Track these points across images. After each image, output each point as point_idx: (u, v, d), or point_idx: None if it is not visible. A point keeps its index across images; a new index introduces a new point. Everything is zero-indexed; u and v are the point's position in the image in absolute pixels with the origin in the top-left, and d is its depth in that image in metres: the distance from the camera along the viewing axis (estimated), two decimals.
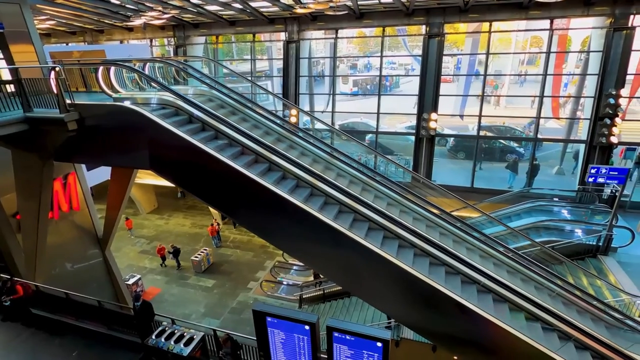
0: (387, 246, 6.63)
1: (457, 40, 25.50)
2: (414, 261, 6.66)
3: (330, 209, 6.92)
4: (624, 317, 7.65)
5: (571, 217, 13.39)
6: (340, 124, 20.74)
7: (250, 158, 7.09)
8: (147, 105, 7.18)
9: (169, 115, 7.13)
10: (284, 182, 7.04)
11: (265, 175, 6.81)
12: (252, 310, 5.43)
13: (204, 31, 19.93)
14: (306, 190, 7.06)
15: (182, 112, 7.42)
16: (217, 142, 7.06)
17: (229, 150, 7.01)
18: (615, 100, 13.75)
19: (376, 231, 6.99)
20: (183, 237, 20.45)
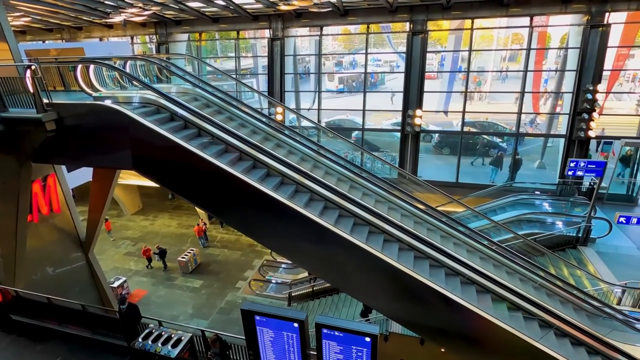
0: (373, 242, 6.68)
1: (440, 38, 25.79)
2: (399, 256, 6.74)
3: (317, 206, 6.92)
4: (602, 305, 7.93)
5: (552, 209, 13.77)
6: (326, 121, 20.75)
7: (234, 156, 7.03)
8: (128, 104, 7.03)
9: (151, 114, 7.00)
10: (270, 179, 7.00)
11: (251, 174, 6.76)
12: (241, 309, 5.41)
13: (187, 28, 19.60)
14: (292, 188, 7.05)
15: (165, 110, 7.29)
16: (201, 141, 6.98)
17: (213, 149, 6.93)
18: (593, 96, 14.16)
19: (362, 227, 7.02)
20: (169, 237, 20.15)
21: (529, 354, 6.24)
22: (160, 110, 7.26)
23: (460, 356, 7.67)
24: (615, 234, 11.93)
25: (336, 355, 5.17)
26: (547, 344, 6.30)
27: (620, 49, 16.06)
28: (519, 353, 6.33)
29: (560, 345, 6.70)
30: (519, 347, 6.24)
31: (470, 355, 7.00)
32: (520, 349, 6.25)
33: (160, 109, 7.27)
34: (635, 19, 14.94)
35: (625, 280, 9.72)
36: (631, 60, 20.58)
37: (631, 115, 19.54)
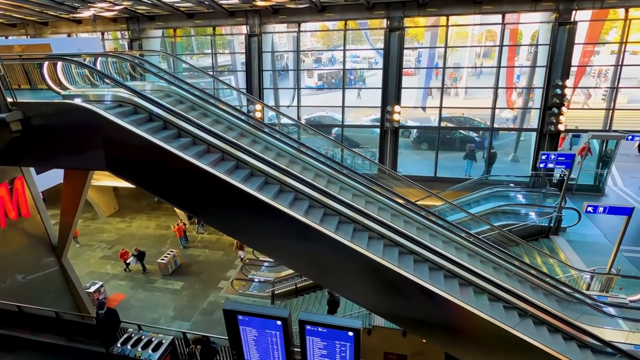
0: (350, 235, 6.72)
1: (417, 34, 26.15)
2: (381, 250, 6.82)
3: (296, 202, 6.91)
4: (573, 291, 8.31)
5: (525, 201, 14.29)
6: (306, 118, 20.71)
7: (216, 156, 6.91)
8: (100, 103, 6.79)
9: (125, 113, 6.78)
10: (244, 175, 6.92)
11: (231, 172, 6.67)
12: (223, 309, 5.36)
13: (161, 24, 19.06)
14: (264, 182, 6.98)
15: (139, 108, 7.08)
16: (179, 140, 6.82)
17: (192, 148, 6.80)
18: (562, 91, 14.75)
19: (338, 220, 7.05)
20: (148, 239, 19.66)
21: (506, 340, 6.48)
22: (138, 111, 7.05)
23: (441, 345, 7.89)
24: (584, 222, 12.52)
25: (320, 351, 5.20)
26: (525, 331, 6.56)
27: (586, 45, 16.76)
28: (497, 340, 6.56)
29: (539, 332, 6.99)
30: (496, 335, 6.46)
31: (450, 344, 7.20)
32: (498, 336, 6.48)
33: (137, 109, 7.06)
34: (599, 17, 15.63)
35: (593, 266, 10.22)
36: (596, 57, 21.50)
37: (597, 109, 20.46)
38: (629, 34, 14.78)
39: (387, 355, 10.40)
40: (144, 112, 7.05)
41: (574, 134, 16.80)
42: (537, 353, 6.45)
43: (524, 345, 6.44)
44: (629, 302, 8.84)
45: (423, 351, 9.89)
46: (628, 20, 14.50)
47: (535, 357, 6.50)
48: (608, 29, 19.19)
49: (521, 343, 6.44)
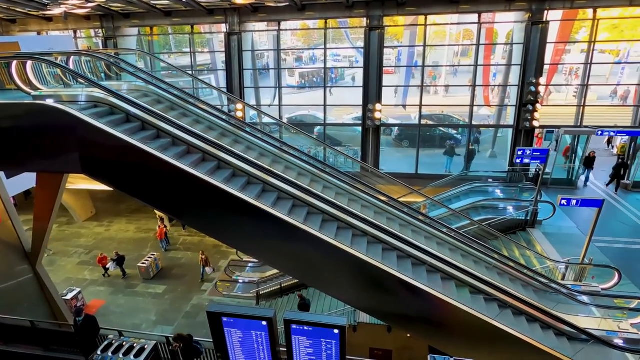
0: (334, 234, 6.77)
1: (397, 33, 26.43)
2: (365, 247, 6.88)
3: (279, 201, 6.89)
4: (549, 282, 8.62)
5: (503, 195, 14.71)
6: (288, 117, 20.62)
7: (197, 157, 6.80)
8: (74, 104, 6.56)
9: (101, 114, 6.57)
10: (226, 175, 6.85)
11: (212, 173, 6.59)
12: (207, 312, 5.28)
13: (136, 22, 18.57)
14: (246, 182, 6.95)
15: (115, 109, 6.89)
16: (159, 142, 6.68)
17: (172, 149, 6.67)
18: (536, 88, 15.24)
19: (329, 223, 7.10)
20: (127, 243, 19.16)
21: (487, 331, 6.66)
22: (114, 111, 6.85)
23: (425, 339, 8.05)
24: (558, 215, 12.98)
25: (306, 350, 5.21)
26: (504, 322, 6.77)
27: (558, 44, 17.37)
28: (478, 332, 6.74)
29: (518, 322, 7.22)
30: (477, 326, 6.64)
31: (433, 337, 7.35)
32: (479, 328, 6.66)
33: (114, 109, 6.86)
34: (569, 16, 16.22)
35: (568, 257, 10.62)
36: (567, 55, 22.29)
37: (569, 105, 21.25)
38: (598, 33, 15.41)
39: (373, 351, 10.51)
40: (121, 113, 6.87)
41: (548, 130, 17.34)
42: (517, 343, 6.67)
43: (504, 335, 6.65)
44: (601, 290, 9.24)
45: (408, 345, 10.05)
46: (596, 20, 15.11)
47: (515, 347, 6.72)
48: (578, 28, 19.95)
49: (501, 333, 6.64)
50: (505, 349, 6.84)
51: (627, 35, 19.36)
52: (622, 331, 7.82)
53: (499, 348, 6.88)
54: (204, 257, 16.04)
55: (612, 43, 23.96)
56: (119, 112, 6.87)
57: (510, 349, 6.79)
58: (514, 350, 6.77)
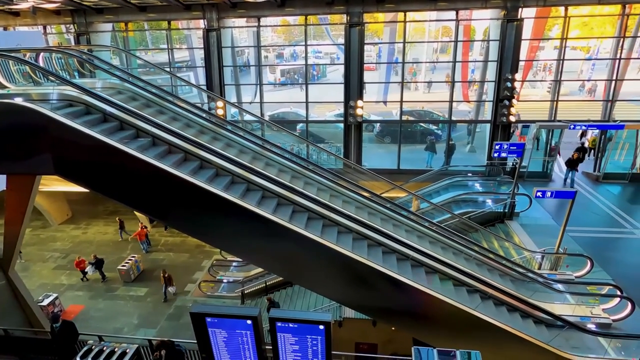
0: (320, 231, 6.78)
1: (377, 30, 26.59)
2: (350, 244, 6.92)
3: (260, 198, 6.84)
4: (526, 271, 8.92)
5: (482, 189, 15.09)
6: (270, 114, 20.46)
7: (179, 156, 6.66)
8: (45, 102, 6.30)
9: (77, 114, 6.34)
10: (203, 171, 6.73)
11: (192, 171, 6.47)
12: (190, 312, 5.21)
13: (110, 17, 17.95)
14: (228, 179, 6.86)
15: (91, 108, 6.66)
16: (139, 142, 6.50)
17: (152, 148, 6.51)
18: (512, 84, 15.65)
19: (301, 214, 7.07)
20: (106, 246, 18.64)
21: (469, 322, 6.84)
22: (90, 111, 6.62)
23: (410, 331, 8.19)
24: (534, 207, 13.41)
25: (292, 347, 5.21)
26: (486, 312, 6.96)
27: (532, 41, 17.86)
28: (461, 322, 6.92)
29: (499, 312, 7.45)
30: (460, 317, 6.81)
31: (418, 329, 7.49)
32: (462, 319, 6.83)
33: (90, 109, 6.62)
34: (543, 14, 16.70)
35: (544, 247, 11.00)
36: (541, 52, 22.98)
37: (544, 100, 21.94)
38: (569, 30, 15.95)
39: (359, 345, 10.62)
40: (97, 112, 6.64)
41: (524, 124, 17.89)
42: (498, 332, 6.89)
43: (486, 325, 6.85)
44: (574, 278, 9.63)
45: (392, 338, 10.21)
46: (568, 18, 15.62)
47: (496, 336, 6.93)
48: (551, 25, 20.57)
49: (483, 323, 6.84)
50: (487, 339, 7.04)
51: (596, 32, 20.11)
52: (594, 316, 8.18)
53: (481, 338, 7.08)
54: (165, 275, 14.75)
55: (583, 40, 24.86)
56: (95, 112, 6.64)
57: (492, 338, 7.00)
58: (496, 339, 6.98)
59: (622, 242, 12.40)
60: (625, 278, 10.03)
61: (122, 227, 19.13)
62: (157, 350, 6.44)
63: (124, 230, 19.16)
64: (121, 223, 19.11)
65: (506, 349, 7.07)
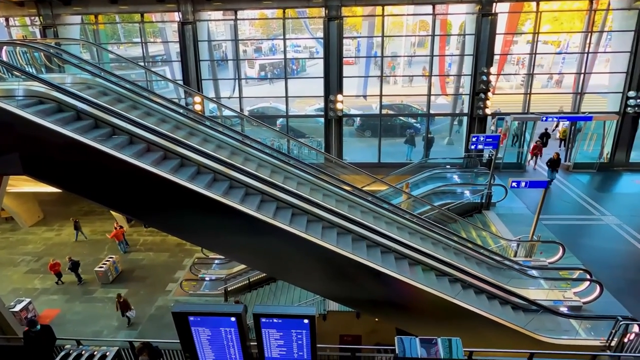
0: (292, 222, 6.75)
1: (355, 24, 26.57)
2: (334, 238, 6.96)
3: (237, 194, 6.73)
4: (503, 259, 9.24)
5: (460, 180, 15.46)
6: (249, 109, 20.22)
7: (158, 154, 6.48)
8: (10, 99, 5.99)
9: (48, 111, 6.06)
10: (183, 169, 6.59)
11: (172, 169, 6.32)
12: (172, 312, 5.12)
13: (79, 9, 17.18)
14: (210, 177, 6.76)
15: (64, 105, 6.38)
16: (115, 140, 6.28)
17: (129, 146, 6.30)
18: (487, 77, 16.04)
19: (285, 210, 7.05)
20: (82, 247, 18.02)
21: (451, 310, 7.04)
22: (63, 108, 6.33)
23: (393, 322, 8.35)
24: (510, 197, 13.87)
25: (277, 342, 5.21)
26: (467, 301, 7.18)
27: (506, 35, 18.32)
28: (443, 311, 7.11)
29: (479, 300, 7.68)
30: (442, 306, 6.99)
31: (401, 319, 7.65)
32: (444, 308, 7.02)
33: (62, 106, 6.33)
34: (516, 9, 17.14)
35: (519, 235, 11.42)
36: (515, 46, 23.59)
37: (517, 93, 22.61)
38: (541, 25, 16.45)
39: (343, 337, 10.73)
40: (70, 109, 6.36)
41: (499, 117, 18.38)
42: (477, 318, 7.12)
43: (466, 312, 7.06)
44: (548, 264, 10.06)
45: (376, 329, 10.37)
46: (539, 13, 16.10)
47: (476, 322, 7.16)
48: (524, 20, 21.15)
49: (463, 311, 7.04)
50: (467, 325, 7.27)
51: (566, 27, 20.82)
52: (566, 300, 8.59)
53: (461, 325, 7.30)
54: (120, 300, 12.82)
55: (554, 34, 25.70)
56: (68, 109, 6.36)
57: (472, 325, 7.23)
58: (476, 326, 7.22)
59: (591, 229, 13.03)
60: (594, 262, 10.56)
61: (78, 228, 18.24)
62: (140, 353, 6.32)
63: (80, 231, 18.32)
64: (76, 224, 18.15)
65: (486, 334, 7.32)
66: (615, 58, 16.96)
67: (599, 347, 7.36)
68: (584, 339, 7.60)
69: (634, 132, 16.85)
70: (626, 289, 9.51)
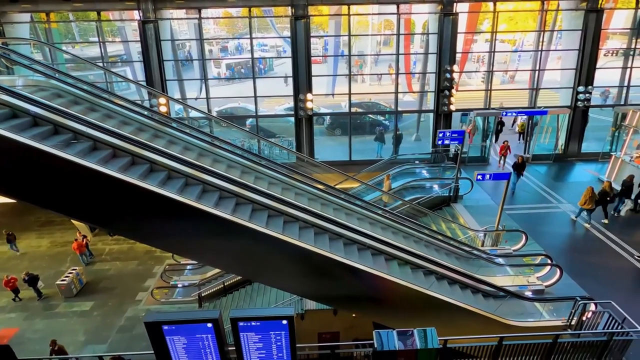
0: (270, 224, 6.71)
1: (322, 23, 26.69)
2: (291, 232, 6.87)
3: (211, 197, 6.59)
4: (472, 249, 9.63)
5: (429, 175, 15.94)
6: (217, 110, 19.79)
7: (126, 159, 6.18)
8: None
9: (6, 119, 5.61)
10: (152, 175, 6.35)
11: (136, 173, 6.06)
12: (144, 322, 4.92)
13: (27, 7, 16.08)
14: (177, 181, 6.54)
15: (10, 108, 5.94)
16: (83, 145, 5.93)
17: (85, 149, 5.97)
18: (450, 75, 16.62)
19: (261, 212, 6.98)
20: (41, 260, 16.92)
21: (426, 302, 7.25)
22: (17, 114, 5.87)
23: (370, 316, 8.48)
24: (476, 189, 14.47)
25: (255, 345, 5.15)
26: (441, 291, 7.41)
27: (467, 34, 19.06)
28: (419, 303, 7.30)
29: (452, 290, 7.96)
30: (418, 298, 7.18)
31: (378, 313, 7.78)
32: (420, 299, 7.21)
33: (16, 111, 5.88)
34: (475, 9, 17.87)
35: (485, 225, 11.94)
36: (475, 45, 24.60)
37: (479, 90, 23.61)
38: (498, 24, 17.25)
39: (321, 335, 10.78)
40: (24, 115, 5.92)
41: (463, 113, 19.10)
42: (450, 307, 7.38)
43: (440, 302, 7.30)
44: (512, 251, 10.60)
45: (354, 325, 10.49)
46: (496, 13, 16.88)
47: (449, 311, 7.42)
48: (482, 20, 22.09)
49: (437, 301, 7.28)
50: (441, 315, 7.52)
51: (520, 27, 21.97)
52: (530, 284, 9.09)
53: (436, 314, 7.54)
54: (55, 348, 11.04)
55: (510, 33, 27.05)
56: (23, 114, 5.92)
57: (446, 314, 7.48)
58: (449, 315, 7.48)
59: (549, 216, 13.86)
60: (553, 248, 11.26)
61: (11, 241, 16.91)
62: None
63: (13, 244, 17.03)
64: (9, 237, 16.84)
65: (459, 322, 7.60)
66: (565, 55, 18.11)
67: (561, 326, 7.85)
68: (548, 320, 8.08)
69: (584, 125, 18.08)
70: (583, 271, 10.21)
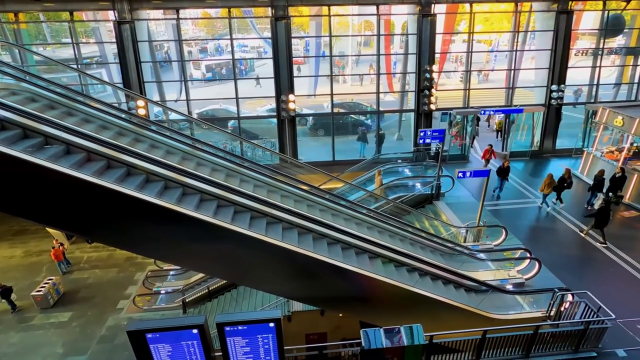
0: (254, 226, 6.64)
1: (303, 24, 26.62)
2: (296, 239, 6.91)
3: (191, 199, 6.46)
4: (455, 245, 9.82)
5: (412, 174, 16.17)
6: (198, 112, 19.48)
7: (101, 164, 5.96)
8: None
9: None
10: (130, 179, 6.17)
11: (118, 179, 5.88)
12: (127, 331, 4.79)
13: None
14: (157, 184, 6.37)
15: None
16: (50, 150, 5.70)
17: (66, 157, 5.76)
18: (430, 75, 16.91)
19: (244, 214, 6.91)
20: (14, 271, 16.20)
21: (411, 298, 7.34)
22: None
23: (356, 315, 8.53)
24: (457, 187, 14.77)
25: (243, 349, 5.10)
26: (424, 288, 7.51)
27: (445, 35, 19.44)
28: (403, 299, 7.39)
29: (435, 286, 8.08)
30: (402, 295, 7.26)
31: (363, 312, 7.83)
32: (404, 296, 7.30)
33: None
34: (452, 10, 18.26)
35: (466, 222, 12.20)
36: (453, 45, 25.12)
37: (458, 89, 24.12)
38: (475, 25, 17.68)
39: (309, 336, 10.76)
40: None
41: (443, 112, 19.46)
42: (435, 303, 7.50)
43: (424, 299, 7.41)
44: (493, 246, 10.87)
45: (341, 325, 10.52)
46: (473, 14, 17.29)
47: (434, 307, 7.54)
48: (459, 21, 22.56)
49: (422, 298, 7.38)
50: (426, 311, 7.64)
51: (496, 27, 22.58)
52: (511, 278, 9.34)
53: (421, 311, 7.65)
54: None
55: (486, 34, 27.73)
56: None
57: (431, 310, 7.61)
58: (434, 310, 7.60)
59: (527, 211, 14.30)
60: (532, 241, 11.62)
61: None
62: None
63: None
64: None
65: (444, 317, 7.74)
66: (539, 55, 18.72)
67: (541, 318, 8.11)
68: (528, 312, 8.33)
69: (558, 122, 18.75)
70: (560, 263, 10.57)
